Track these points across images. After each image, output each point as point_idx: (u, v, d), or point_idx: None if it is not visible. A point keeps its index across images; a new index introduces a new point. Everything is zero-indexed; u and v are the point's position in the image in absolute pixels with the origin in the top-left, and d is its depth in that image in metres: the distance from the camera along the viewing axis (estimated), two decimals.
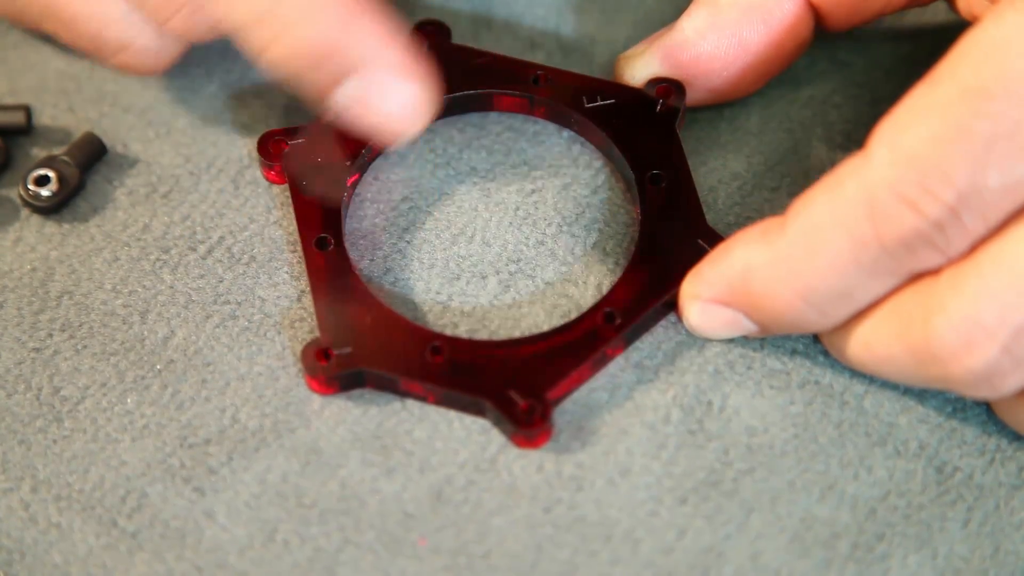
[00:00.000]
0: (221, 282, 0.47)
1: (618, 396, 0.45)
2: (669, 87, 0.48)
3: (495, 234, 0.47)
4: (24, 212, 0.48)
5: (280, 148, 0.48)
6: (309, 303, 0.46)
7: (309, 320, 0.46)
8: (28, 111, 0.49)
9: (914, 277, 0.41)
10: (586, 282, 0.46)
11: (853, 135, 0.48)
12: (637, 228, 0.46)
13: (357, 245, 0.47)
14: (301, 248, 0.46)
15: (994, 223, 0.39)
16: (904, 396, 0.44)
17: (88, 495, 0.44)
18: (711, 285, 0.43)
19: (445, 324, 0.46)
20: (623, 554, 0.43)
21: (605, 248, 0.47)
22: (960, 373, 0.40)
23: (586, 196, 0.48)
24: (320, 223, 0.46)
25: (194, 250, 0.47)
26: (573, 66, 0.50)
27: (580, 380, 0.44)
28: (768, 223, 0.42)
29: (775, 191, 0.48)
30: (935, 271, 0.40)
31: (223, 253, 0.47)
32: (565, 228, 0.47)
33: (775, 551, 0.42)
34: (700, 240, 0.45)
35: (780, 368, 0.45)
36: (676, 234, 0.45)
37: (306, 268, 0.46)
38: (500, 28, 0.51)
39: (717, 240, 0.45)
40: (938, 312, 0.40)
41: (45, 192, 0.48)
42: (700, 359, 0.45)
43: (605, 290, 0.46)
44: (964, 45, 0.40)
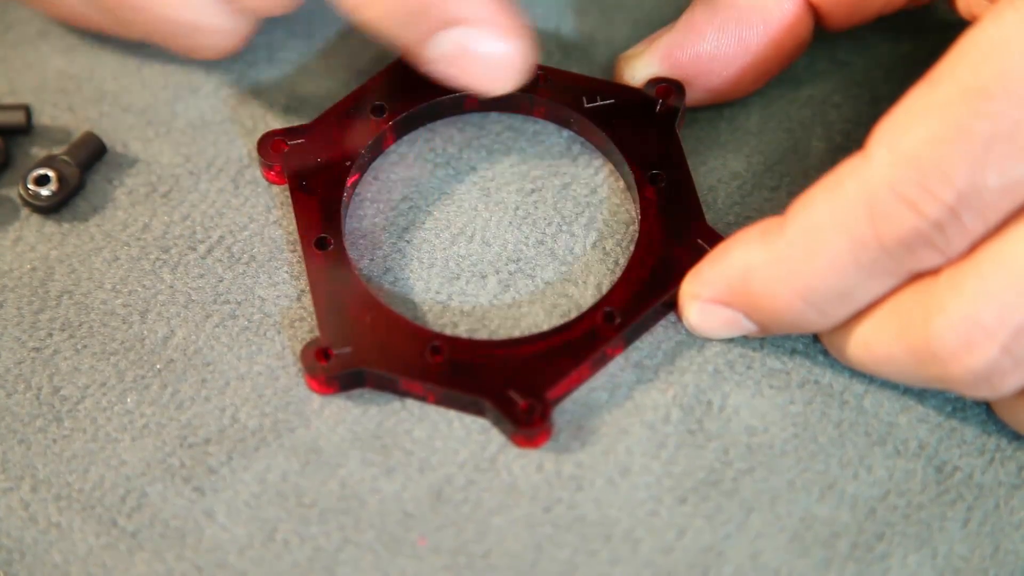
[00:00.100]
0: (221, 282, 0.47)
1: (618, 396, 0.45)
2: (669, 87, 0.48)
3: (495, 234, 0.47)
4: (24, 212, 0.48)
5: (280, 148, 0.48)
6: (309, 303, 0.46)
7: (309, 320, 0.46)
8: (28, 111, 0.49)
9: (914, 277, 0.41)
10: (586, 282, 0.46)
11: (853, 135, 0.48)
12: (637, 228, 0.46)
13: (357, 245, 0.47)
14: (301, 248, 0.46)
15: (993, 223, 0.39)
16: (904, 396, 0.44)
17: (88, 494, 0.44)
18: (711, 285, 0.43)
19: (445, 324, 0.46)
20: (623, 554, 0.43)
21: (605, 248, 0.47)
22: (960, 373, 0.40)
23: (586, 196, 0.48)
24: (320, 223, 0.46)
25: (194, 250, 0.47)
26: (573, 66, 0.50)
27: (580, 380, 0.44)
28: (767, 223, 0.42)
29: (775, 191, 0.48)
30: (935, 271, 0.40)
31: (223, 253, 0.47)
32: (565, 228, 0.47)
33: (775, 550, 0.43)
34: (700, 240, 0.45)
35: (780, 368, 0.45)
36: (676, 234, 0.45)
37: (306, 268, 0.46)
38: None
39: (717, 240, 0.45)
40: (938, 312, 0.40)
41: (45, 192, 0.48)
42: (700, 359, 0.45)
43: (605, 290, 0.46)
44: (963, 45, 0.40)
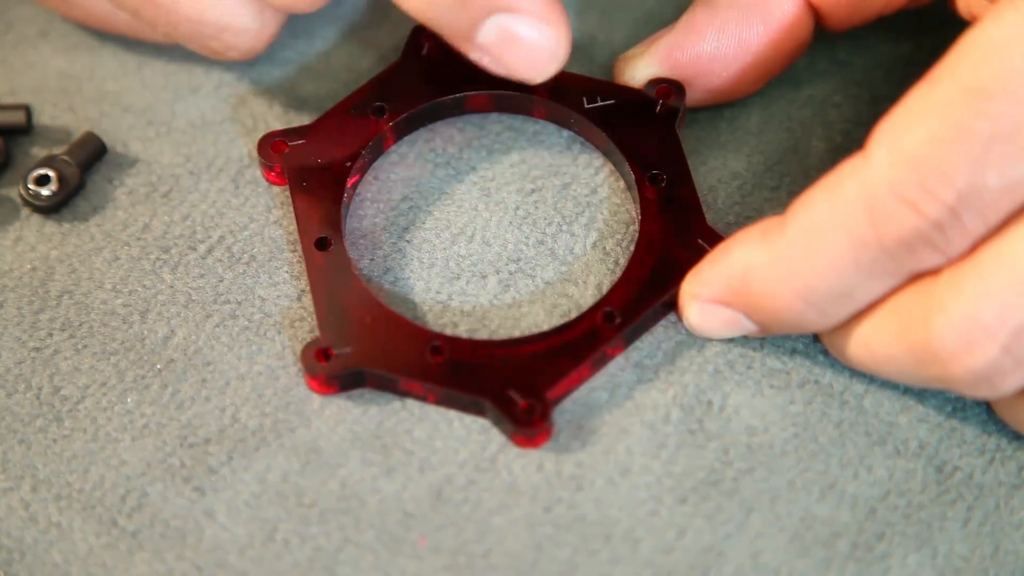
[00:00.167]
0: (221, 281, 0.47)
1: (618, 396, 0.45)
2: (669, 87, 0.47)
3: (495, 234, 0.47)
4: (24, 211, 0.48)
5: (280, 149, 0.48)
6: (309, 303, 0.46)
7: (309, 320, 0.46)
8: (28, 110, 0.49)
9: (914, 277, 0.41)
10: (586, 282, 0.46)
11: (853, 135, 0.48)
12: (637, 228, 0.46)
13: (357, 245, 0.47)
14: (301, 248, 0.46)
15: (994, 223, 0.39)
16: (904, 395, 0.44)
17: (88, 494, 0.44)
18: (711, 285, 0.43)
19: (445, 324, 0.46)
20: (623, 553, 0.43)
21: (605, 248, 0.47)
22: (960, 373, 0.40)
23: (586, 195, 0.48)
24: (320, 223, 0.46)
25: (194, 249, 0.47)
26: (573, 66, 0.50)
27: (580, 380, 0.44)
28: (768, 223, 0.42)
29: (775, 191, 0.48)
30: (935, 271, 0.40)
31: (223, 252, 0.47)
32: (565, 227, 0.47)
33: (775, 550, 0.43)
34: (700, 240, 0.45)
35: (780, 368, 0.45)
36: (676, 234, 0.45)
37: (306, 268, 0.46)
38: None
39: (717, 240, 0.45)
40: (938, 312, 0.40)
41: (45, 191, 0.48)
42: (700, 359, 0.45)
43: (605, 290, 0.46)
44: (963, 45, 0.40)
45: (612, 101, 0.48)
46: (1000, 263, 0.39)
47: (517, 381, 0.43)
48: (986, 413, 0.44)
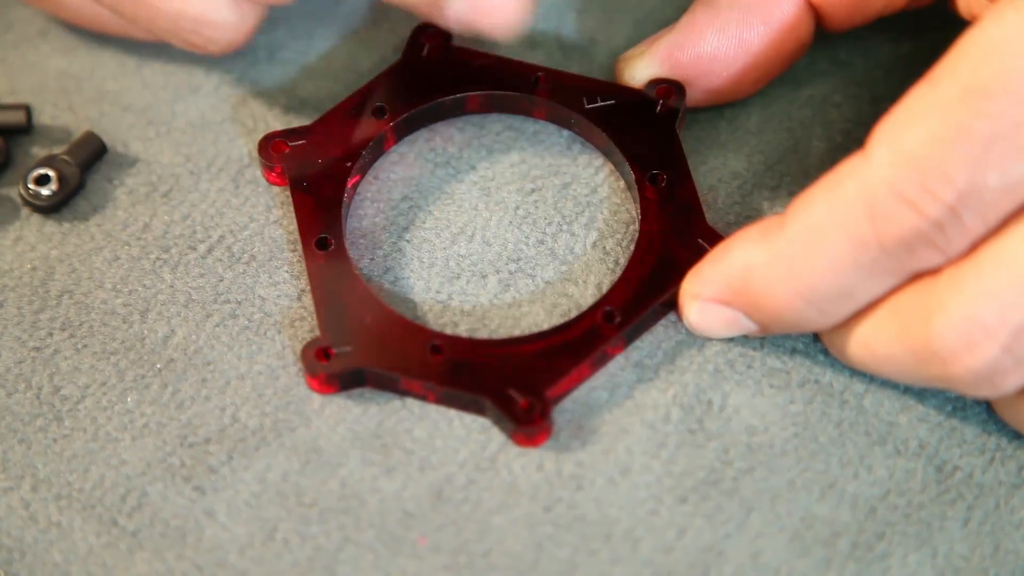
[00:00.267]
0: (221, 281, 0.47)
1: (618, 395, 0.45)
2: (669, 88, 0.47)
3: (495, 233, 0.47)
4: (24, 211, 0.48)
5: (281, 149, 0.47)
6: (309, 302, 0.46)
7: (309, 319, 0.46)
8: (28, 110, 0.49)
9: (914, 277, 0.41)
10: (586, 281, 0.46)
11: (853, 134, 0.48)
12: (637, 227, 0.46)
13: (357, 244, 0.47)
14: (301, 248, 0.46)
15: (994, 223, 0.39)
16: (904, 395, 0.44)
17: (88, 494, 0.44)
18: (710, 284, 0.43)
19: (445, 323, 0.46)
20: (623, 553, 0.43)
21: (605, 247, 0.47)
22: (961, 373, 0.40)
23: (586, 195, 0.48)
24: (321, 224, 0.46)
25: (194, 249, 0.47)
26: (573, 66, 0.50)
27: (580, 379, 0.44)
28: (767, 222, 0.42)
29: (775, 190, 0.48)
30: (935, 271, 0.40)
31: (223, 252, 0.47)
32: (565, 227, 0.47)
33: (775, 550, 0.43)
34: (700, 239, 0.45)
35: (780, 367, 0.45)
36: (676, 233, 0.45)
37: (306, 268, 0.46)
38: None
39: (717, 239, 0.45)
40: (938, 312, 0.40)
41: (45, 191, 0.48)
42: (700, 358, 0.45)
43: (605, 289, 0.46)
44: (964, 45, 0.40)
45: (612, 101, 0.48)
46: (1000, 263, 0.39)
47: (517, 380, 0.43)
48: (986, 413, 0.44)
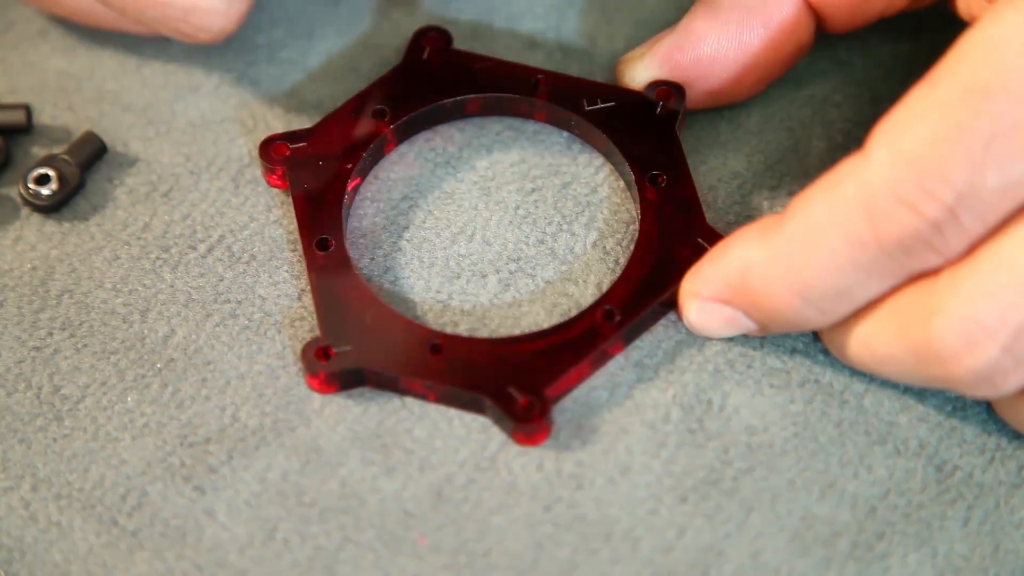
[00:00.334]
0: (221, 281, 0.47)
1: (618, 395, 0.45)
2: (669, 90, 0.48)
3: (495, 233, 0.47)
4: (24, 211, 0.48)
5: (282, 152, 0.47)
6: (309, 302, 0.46)
7: (309, 319, 0.46)
8: (28, 110, 0.49)
9: (914, 277, 0.41)
10: (586, 281, 0.46)
11: (853, 134, 0.48)
12: (637, 227, 0.46)
13: (357, 244, 0.47)
14: (302, 249, 0.46)
15: (992, 223, 0.39)
16: (904, 395, 0.44)
17: (88, 494, 0.44)
18: (710, 283, 0.43)
19: (445, 323, 0.46)
20: (623, 553, 0.43)
21: (605, 247, 0.47)
22: (961, 373, 0.40)
23: (586, 195, 0.48)
24: (321, 225, 0.46)
25: (194, 249, 0.47)
26: (573, 66, 0.50)
27: (580, 378, 0.44)
28: (767, 221, 0.42)
29: (775, 190, 0.48)
30: (935, 271, 0.40)
31: (223, 252, 0.47)
32: (565, 227, 0.47)
33: (775, 550, 0.43)
34: (699, 239, 0.45)
35: (780, 367, 0.45)
36: (676, 233, 0.45)
37: (307, 268, 0.46)
38: (500, 28, 0.51)
39: (717, 239, 0.45)
40: (938, 312, 0.39)
41: (45, 191, 0.48)
42: (700, 358, 0.45)
43: (605, 289, 0.46)
44: (963, 44, 0.40)
45: (612, 103, 0.48)
46: (999, 263, 0.39)
47: (517, 378, 0.43)
48: (986, 412, 0.44)
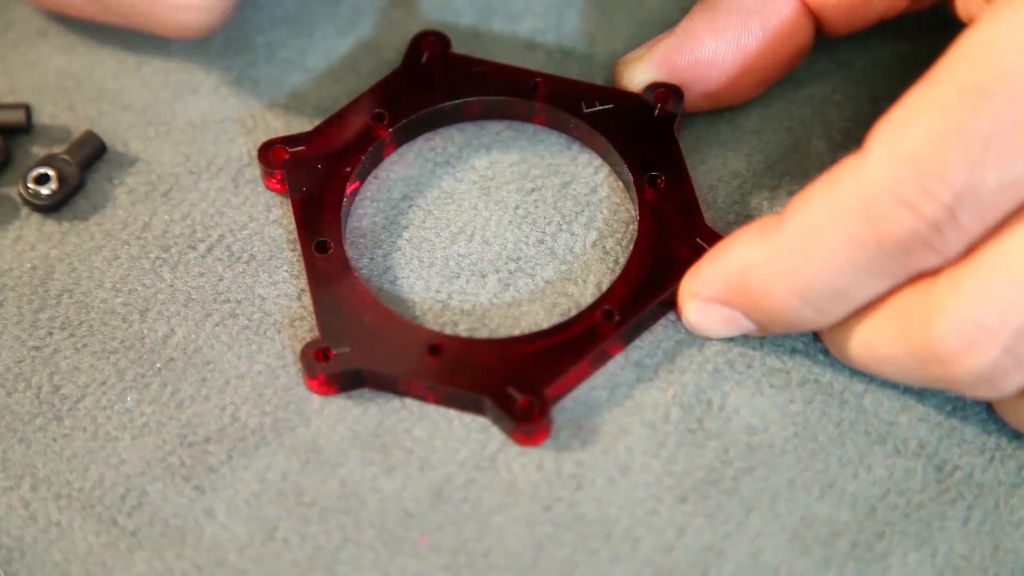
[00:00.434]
0: (221, 280, 0.47)
1: (618, 395, 0.45)
2: (667, 92, 0.47)
3: (495, 233, 0.47)
4: (24, 211, 0.48)
5: (281, 155, 0.47)
6: (309, 302, 0.46)
7: (309, 319, 0.46)
8: (28, 110, 0.49)
9: (913, 277, 0.41)
10: (586, 280, 0.46)
11: (853, 133, 0.48)
12: (636, 227, 0.46)
13: (357, 244, 0.47)
14: (301, 252, 0.46)
15: (992, 223, 0.39)
16: (904, 395, 0.44)
17: (88, 493, 0.44)
18: (709, 283, 0.43)
19: (445, 323, 0.46)
20: (623, 552, 0.43)
21: (605, 246, 0.47)
22: (962, 374, 0.40)
23: (586, 195, 0.48)
24: (320, 229, 0.46)
25: (194, 248, 0.47)
26: (573, 66, 0.50)
27: (579, 377, 0.44)
28: (765, 221, 0.42)
29: (775, 190, 0.48)
30: (935, 271, 0.40)
31: (223, 251, 0.47)
32: (565, 227, 0.47)
33: (775, 549, 0.43)
34: (699, 239, 0.45)
35: (780, 367, 0.45)
36: (675, 233, 0.45)
37: (306, 271, 0.46)
38: (500, 28, 0.51)
39: (716, 239, 0.45)
40: (939, 313, 0.39)
41: (45, 191, 0.48)
42: (700, 358, 0.45)
43: (605, 288, 0.46)
44: (962, 44, 0.40)
45: (610, 106, 0.48)
46: (999, 264, 0.39)
47: (516, 378, 0.43)
48: (986, 412, 0.44)
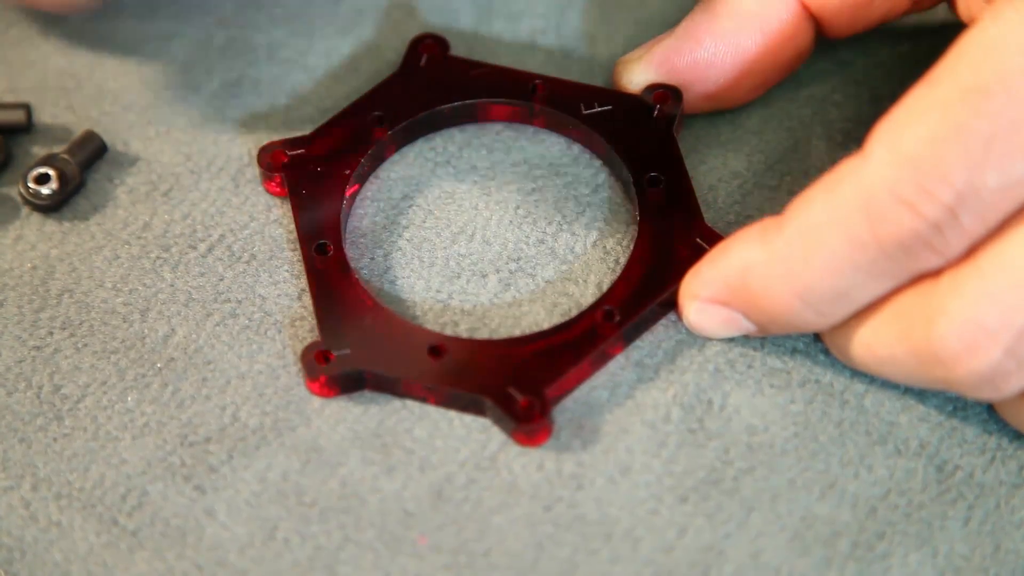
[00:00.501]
0: (221, 280, 0.47)
1: (618, 395, 0.45)
2: (666, 93, 0.47)
3: (495, 233, 0.47)
4: (24, 210, 0.48)
5: (280, 158, 0.47)
6: (309, 302, 0.46)
7: (309, 319, 0.46)
8: (28, 109, 0.49)
9: (915, 279, 0.41)
10: (586, 281, 0.46)
11: (853, 133, 0.48)
12: (637, 227, 0.46)
13: (357, 244, 0.47)
14: (301, 254, 0.46)
15: (992, 224, 0.39)
16: (905, 395, 0.44)
17: (88, 493, 0.44)
18: (709, 284, 0.43)
19: (445, 323, 0.46)
20: (623, 552, 0.43)
21: (605, 247, 0.47)
22: (963, 375, 0.40)
23: (586, 195, 0.48)
24: (320, 231, 0.46)
25: (194, 248, 0.47)
26: (573, 66, 0.50)
27: (580, 378, 0.44)
28: (766, 222, 0.42)
29: (775, 190, 0.48)
30: (936, 272, 0.40)
31: (223, 251, 0.47)
32: (565, 227, 0.47)
33: (775, 549, 0.43)
34: (699, 239, 0.45)
35: (780, 367, 0.45)
36: (675, 233, 0.45)
37: (306, 273, 0.46)
38: (500, 28, 0.51)
39: (716, 239, 0.45)
40: (940, 315, 0.39)
41: (45, 190, 0.48)
42: (700, 358, 0.45)
43: (605, 288, 0.46)
44: (963, 44, 0.40)
45: (609, 107, 0.48)
46: (1000, 265, 0.39)
47: (517, 379, 0.43)
48: (987, 412, 0.44)
